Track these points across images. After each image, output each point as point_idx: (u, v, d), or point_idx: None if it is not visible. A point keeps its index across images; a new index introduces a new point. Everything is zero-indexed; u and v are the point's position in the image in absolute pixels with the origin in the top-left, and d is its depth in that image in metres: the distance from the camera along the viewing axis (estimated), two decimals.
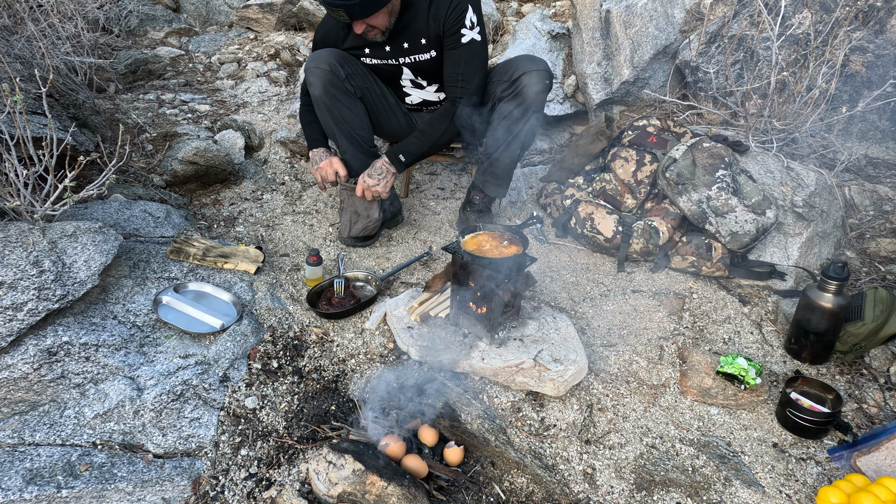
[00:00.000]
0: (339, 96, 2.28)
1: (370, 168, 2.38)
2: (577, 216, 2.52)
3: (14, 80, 2.07)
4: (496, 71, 2.31)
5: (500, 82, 2.25)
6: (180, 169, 2.76)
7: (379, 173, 2.36)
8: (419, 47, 2.24)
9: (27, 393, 1.62)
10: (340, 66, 2.24)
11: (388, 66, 2.34)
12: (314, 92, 2.28)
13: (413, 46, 2.24)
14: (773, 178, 2.54)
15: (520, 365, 1.79)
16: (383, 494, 1.45)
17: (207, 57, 4.30)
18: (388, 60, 2.31)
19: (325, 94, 2.26)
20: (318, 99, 2.28)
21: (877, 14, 2.93)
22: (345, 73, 2.25)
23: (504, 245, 1.89)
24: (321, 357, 1.96)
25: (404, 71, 2.34)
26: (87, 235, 1.93)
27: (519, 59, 2.28)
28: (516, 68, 2.21)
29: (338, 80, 2.24)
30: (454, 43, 2.18)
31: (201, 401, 1.72)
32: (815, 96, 2.66)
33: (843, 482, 1.54)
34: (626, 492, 1.61)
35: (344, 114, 2.31)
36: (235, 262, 2.21)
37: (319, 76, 2.23)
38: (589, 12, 3.46)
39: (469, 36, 2.17)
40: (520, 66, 2.21)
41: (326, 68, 2.22)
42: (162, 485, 1.50)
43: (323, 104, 2.29)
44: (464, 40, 2.17)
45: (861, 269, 2.42)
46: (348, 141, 2.37)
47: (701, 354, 1.99)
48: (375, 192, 2.37)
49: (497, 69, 2.31)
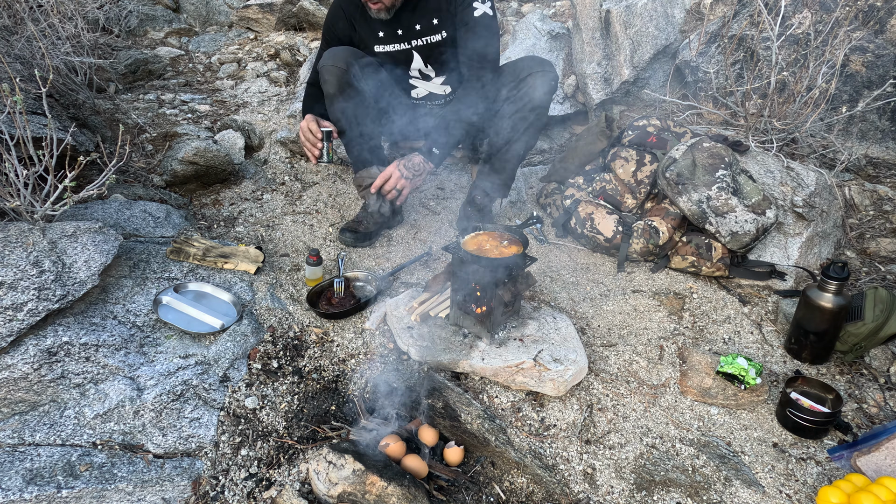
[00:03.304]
0: (353, 96, 2.28)
1: (405, 160, 2.27)
2: (577, 216, 2.52)
3: (14, 80, 2.07)
4: (502, 71, 2.31)
5: (507, 83, 2.26)
6: (180, 169, 2.76)
7: (416, 169, 2.26)
8: (431, 28, 2.24)
9: (27, 393, 1.62)
10: (356, 65, 2.25)
11: (401, 53, 2.33)
12: (328, 90, 2.28)
13: (425, 28, 2.24)
14: (773, 178, 2.54)
15: (520, 365, 1.79)
16: (383, 494, 1.45)
17: (207, 57, 4.30)
18: (400, 45, 2.30)
19: (340, 93, 2.26)
20: (332, 97, 2.29)
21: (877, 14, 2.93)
22: (361, 73, 2.26)
23: (504, 245, 1.89)
24: (321, 357, 1.96)
25: (415, 58, 2.33)
26: (87, 235, 1.93)
27: (525, 60, 2.28)
28: (523, 69, 2.21)
29: (353, 80, 2.25)
30: (467, 17, 2.18)
31: (201, 401, 1.72)
32: (815, 96, 2.66)
33: (843, 482, 1.54)
34: (626, 492, 1.61)
35: (357, 113, 2.31)
36: (235, 262, 2.21)
37: (335, 74, 2.23)
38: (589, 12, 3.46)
39: (482, 9, 2.17)
40: (526, 68, 2.21)
41: (343, 66, 2.23)
42: (162, 485, 1.50)
43: (337, 103, 2.29)
44: (476, 14, 2.17)
45: (861, 269, 2.42)
46: (357, 139, 2.37)
47: (701, 354, 1.99)
48: (403, 185, 2.26)
49: (503, 69, 2.32)
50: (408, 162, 2.26)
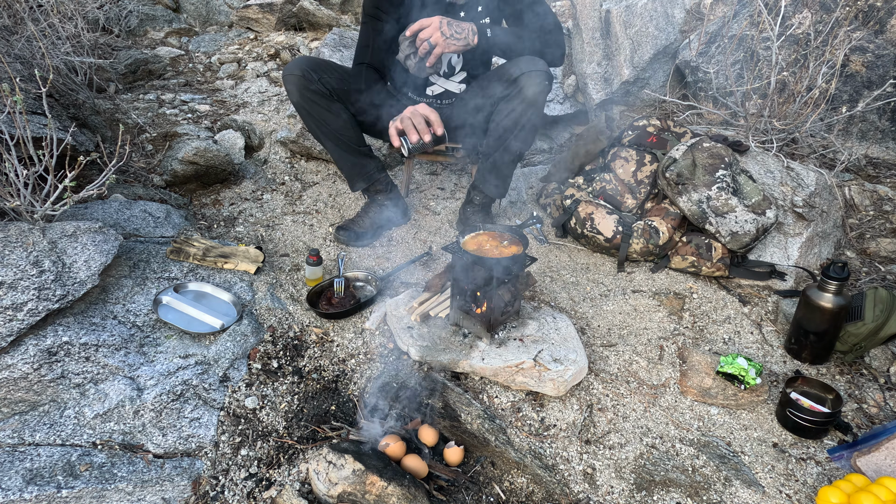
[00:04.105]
0: (315, 100, 2.30)
1: (453, 20, 2.10)
2: (577, 216, 2.52)
3: (14, 80, 2.07)
4: (496, 71, 2.31)
5: (500, 82, 2.25)
6: (180, 169, 2.76)
7: (458, 32, 2.07)
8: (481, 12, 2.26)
9: (27, 393, 1.62)
10: (313, 70, 2.27)
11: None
12: (292, 99, 2.32)
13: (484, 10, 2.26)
14: (773, 178, 2.54)
15: (520, 365, 1.79)
16: (383, 494, 1.45)
17: (207, 57, 4.30)
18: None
19: (303, 100, 2.29)
20: (298, 105, 2.32)
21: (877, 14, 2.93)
22: (318, 76, 2.28)
23: (504, 245, 1.89)
24: (321, 357, 1.96)
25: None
26: (87, 235, 1.93)
27: (519, 59, 2.28)
28: (516, 68, 2.21)
29: (311, 84, 2.27)
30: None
31: (201, 401, 1.72)
32: (815, 96, 2.66)
33: (843, 482, 1.54)
34: (626, 492, 1.61)
35: (325, 117, 2.33)
36: (235, 262, 2.21)
37: (294, 83, 2.27)
38: (589, 12, 3.46)
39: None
40: (520, 67, 2.21)
41: (299, 73, 2.26)
42: (162, 485, 1.50)
43: (303, 110, 2.33)
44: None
45: (861, 269, 2.42)
46: (334, 143, 2.39)
47: (701, 354, 1.99)
48: (437, 40, 2.05)
49: (497, 69, 2.31)
50: (453, 21, 2.09)
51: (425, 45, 2.06)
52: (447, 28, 2.06)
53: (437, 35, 2.05)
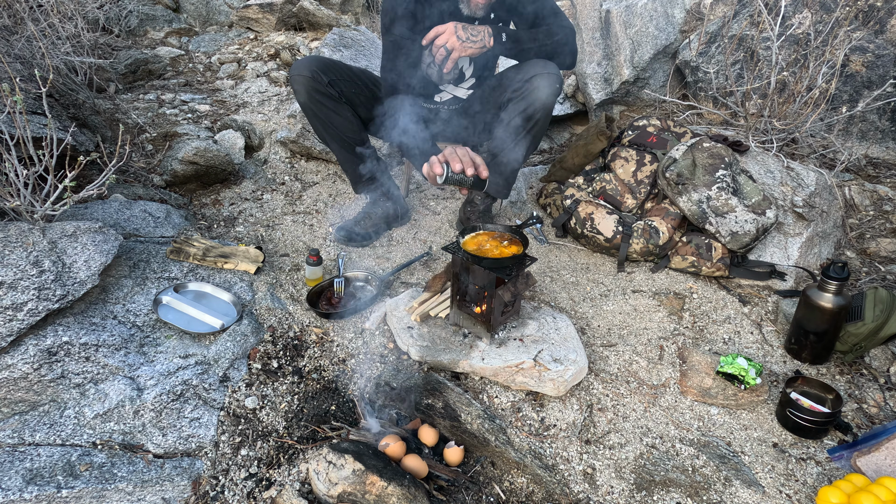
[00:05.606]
0: (323, 101, 2.29)
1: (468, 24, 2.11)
2: (577, 216, 2.52)
3: (14, 80, 2.07)
4: (507, 73, 2.31)
5: (511, 84, 2.25)
6: (180, 169, 2.76)
7: (474, 35, 2.08)
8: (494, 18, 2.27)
9: (27, 393, 1.62)
10: (322, 72, 2.27)
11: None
12: (299, 99, 2.31)
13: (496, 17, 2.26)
14: (773, 178, 2.54)
15: (520, 365, 1.79)
16: (383, 494, 1.45)
17: (207, 57, 4.30)
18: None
19: (310, 100, 2.28)
20: (304, 105, 2.31)
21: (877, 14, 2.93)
22: (327, 78, 2.27)
23: (504, 245, 1.89)
24: (321, 357, 1.96)
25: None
26: (87, 235, 1.93)
27: (530, 62, 2.27)
28: (528, 70, 2.21)
29: (320, 86, 2.26)
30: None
31: (201, 401, 1.72)
32: (815, 96, 2.66)
33: (843, 482, 1.54)
34: (626, 492, 1.61)
35: (331, 118, 2.32)
36: (235, 262, 2.21)
37: (302, 83, 2.26)
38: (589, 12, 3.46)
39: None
40: (531, 69, 2.20)
41: (308, 75, 2.24)
42: (162, 485, 1.50)
43: (310, 111, 2.32)
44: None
45: (861, 269, 2.42)
46: (339, 145, 2.39)
47: (701, 354, 1.99)
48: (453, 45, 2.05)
49: (507, 71, 2.32)
50: (468, 25, 2.09)
51: (442, 50, 2.08)
52: (462, 32, 2.07)
53: (454, 39, 2.06)
